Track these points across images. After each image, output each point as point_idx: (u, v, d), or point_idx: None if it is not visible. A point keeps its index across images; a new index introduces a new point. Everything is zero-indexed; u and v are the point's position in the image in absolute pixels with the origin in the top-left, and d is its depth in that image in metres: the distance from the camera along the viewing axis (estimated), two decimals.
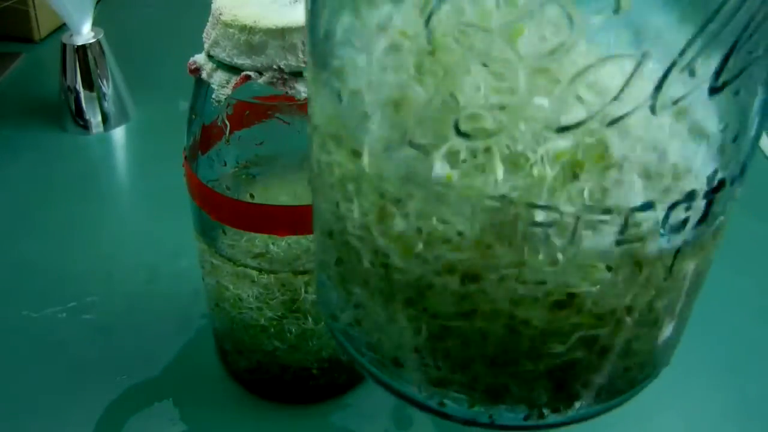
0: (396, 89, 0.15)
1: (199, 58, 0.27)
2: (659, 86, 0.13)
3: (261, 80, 0.25)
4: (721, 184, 0.15)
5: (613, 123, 0.14)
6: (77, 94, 0.54)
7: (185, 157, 0.29)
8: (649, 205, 0.15)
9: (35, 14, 0.67)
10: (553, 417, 0.18)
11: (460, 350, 0.17)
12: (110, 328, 0.37)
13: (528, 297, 0.16)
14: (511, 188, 0.14)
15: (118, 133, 0.55)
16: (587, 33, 0.13)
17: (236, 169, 0.29)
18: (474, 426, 0.18)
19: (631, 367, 0.18)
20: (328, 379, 0.33)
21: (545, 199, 0.14)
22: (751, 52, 0.13)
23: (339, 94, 0.16)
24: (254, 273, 0.29)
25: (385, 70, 0.15)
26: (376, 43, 0.15)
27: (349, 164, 0.16)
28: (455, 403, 0.18)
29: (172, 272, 0.41)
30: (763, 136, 0.43)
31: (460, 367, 0.17)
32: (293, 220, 0.27)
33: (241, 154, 0.29)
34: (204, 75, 0.26)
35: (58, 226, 0.45)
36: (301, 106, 0.26)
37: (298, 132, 0.27)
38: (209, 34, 0.26)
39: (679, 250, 0.16)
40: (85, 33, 0.53)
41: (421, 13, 0.14)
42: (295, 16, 0.24)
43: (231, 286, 0.30)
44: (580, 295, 0.16)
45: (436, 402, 0.18)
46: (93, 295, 0.39)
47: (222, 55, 0.25)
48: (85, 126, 0.55)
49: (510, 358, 0.17)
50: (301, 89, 0.25)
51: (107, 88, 0.54)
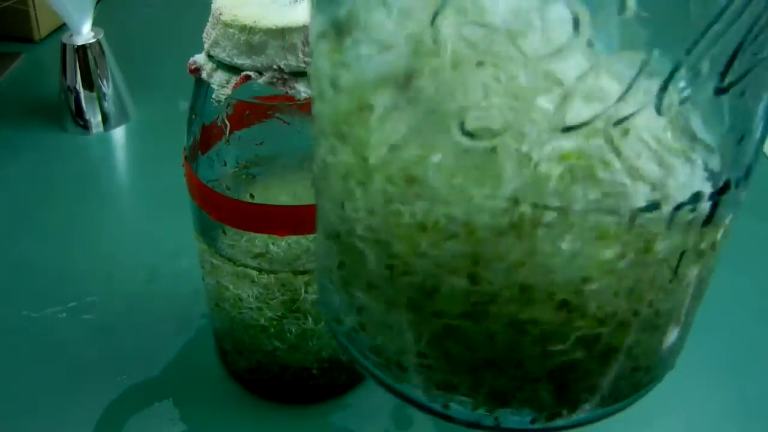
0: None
1: (199, 58, 0.27)
2: (665, 86, 0.13)
3: (261, 80, 0.25)
4: (727, 186, 0.15)
5: (618, 123, 0.14)
6: (77, 94, 0.54)
7: (185, 157, 0.29)
8: (655, 206, 0.15)
9: (35, 14, 0.67)
10: (560, 420, 0.18)
11: (465, 353, 0.17)
12: (110, 328, 0.37)
13: (536, 295, 0.16)
14: (517, 188, 0.14)
15: (118, 133, 0.55)
16: (592, 33, 0.13)
17: (236, 169, 0.29)
18: (478, 429, 0.18)
19: (638, 370, 0.18)
20: (328, 379, 0.33)
21: (551, 199, 0.14)
22: (756, 54, 0.13)
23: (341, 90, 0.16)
24: (254, 273, 0.29)
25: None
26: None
27: (355, 163, 0.16)
28: (460, 406, 0.18)
29: (172, 272, 0.41)
30: None
31: (466, 370, 0.17)
32: (293, 220, 0.27)
33: (241, 154, 0.29)
34: (204, 75, 0.26)
35: (58, 226, 0.45)
36: (301, 106, 0.26)
37: (298, 132, 0.27)
38: (209, 34, 0.26)
39: (684, 252, 0.16)
40: (85, 33, 0.53)
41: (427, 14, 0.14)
42: (295, 16, 0.24)
43: (231, 286, 0.30)
44: (585, 295, 0.16)
45: (441, 405, 0.18)
46: (93, 295, 0.39)
47: (222, 55, 0.25)
48: (85, 126, 0.54)
49: (516, 360, 0.17)
50: (301, 89, 0.25)
51: (107, 88, 0.54)
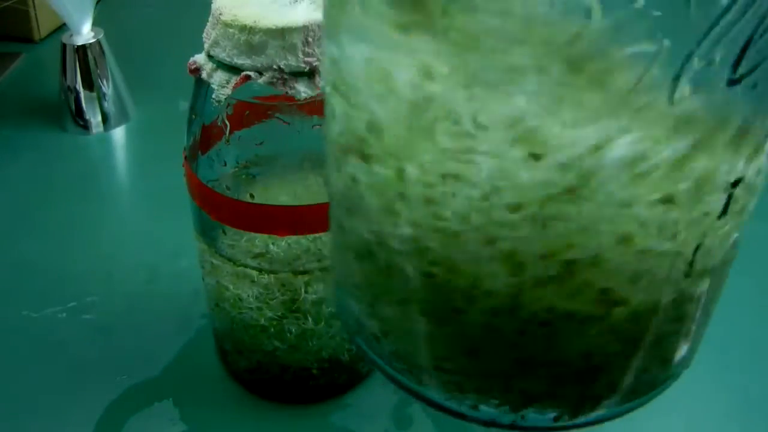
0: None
1: (199, 58, 0.27)
2: (677, 76, 0.13)
3: (261, 80, 0.25)
4: (740, 178, 0.15)
5: (632, 113, 0.14)
6: (77, 94, 0.54)
7: (185, 157, 0.29)
8: (669, 198, 0.15)
9: (35, 14, 0.67)
10: (581, 417, 0.18)
11: (501, 353, 0.17)
12: (110, 328, 0.37)
13: (569, 288, 0.16)
14: (548, 182, 0.14)
15: (118, 133, 0.55)
16: (604, 23, 0.13)
17: (236, 169, 0.29)
18: (495, 427, 0.18)
19: (665, 363, 0.18)
20: (328, 379, 0.33)
21: (573, 189, 0.14)
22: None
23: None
24: (254, 273, 0.29)
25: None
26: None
27: (393, 178, 0.16)
28: (488, 407, 0.18)
29: (172, 272, 0.41)
30: None
31: (498, 372, 0.17)
32: (293, 220, 0.27)
33: (241, 154, 0.29)
34: (204, 75, 0.26)
35: (58, 226, 0.45)
36: (301, 106, 0.26)
37: (298, 132, 0.27)
38: (209, 34, 0.26)
39: (699, 245, 0.16)
40: (85, 33, 0.53)
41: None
42: (295, 16, 0.24)
43: (231, 286, 0.30)
44: (610, 292, 0.16)
45: (468, 407, 0.18)
46: (93, 295, 0.39)
47: (222, 55, 0.25)
48: (85, 126, 0.54)
49: (551, 359, 0.17)
50: (301, 89, 0.25)
51: (107, 88, 0.54)
